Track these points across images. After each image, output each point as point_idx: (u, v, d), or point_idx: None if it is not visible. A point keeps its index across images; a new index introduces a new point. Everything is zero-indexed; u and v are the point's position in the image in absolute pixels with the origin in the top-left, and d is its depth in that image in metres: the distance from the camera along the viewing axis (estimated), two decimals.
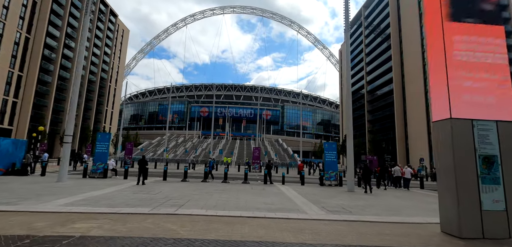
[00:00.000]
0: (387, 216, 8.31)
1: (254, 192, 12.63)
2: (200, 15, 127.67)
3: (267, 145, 68.11)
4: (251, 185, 15.99)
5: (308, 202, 10.23)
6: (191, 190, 12.21)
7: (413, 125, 53.46)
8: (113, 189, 11.64)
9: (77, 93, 14.60)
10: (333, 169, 17.75)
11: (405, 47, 57.65)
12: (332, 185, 17.56)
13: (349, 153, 15.19)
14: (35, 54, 53.61)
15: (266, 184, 16.93)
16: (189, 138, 76.56)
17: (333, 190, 15.12)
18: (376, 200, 11.91)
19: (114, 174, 17.63)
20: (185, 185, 14.23)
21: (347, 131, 15.50)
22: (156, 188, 12.34)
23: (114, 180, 15.41)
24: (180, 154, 52.69)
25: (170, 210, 7.50)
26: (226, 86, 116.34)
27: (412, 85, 54.53)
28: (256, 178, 23.25)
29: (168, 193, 10.88)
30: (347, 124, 15.45)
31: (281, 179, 17.88)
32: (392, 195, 14.13)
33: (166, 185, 14.01)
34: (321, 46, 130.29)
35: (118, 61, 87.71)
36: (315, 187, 16.58)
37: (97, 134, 17.30)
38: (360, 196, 12.88)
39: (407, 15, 57.49)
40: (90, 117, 72.12)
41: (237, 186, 14.85)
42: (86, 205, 7.91)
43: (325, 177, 17.65)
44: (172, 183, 15.17)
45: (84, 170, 16.62)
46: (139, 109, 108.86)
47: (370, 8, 73.48)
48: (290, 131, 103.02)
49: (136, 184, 13.56)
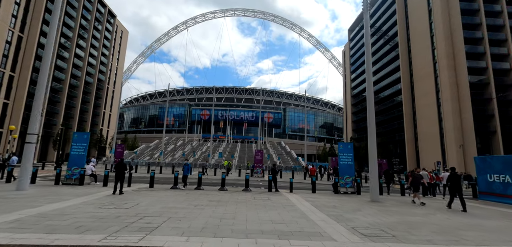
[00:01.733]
0: (448, 244, 5.76)
1: (257, 204, 10.08)
2: (201, 18, 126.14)
3: (269, 148, 65.52)
4: (253, 193, 13.44)
5: (329, 220, 7.67)
6: (178, 202, 9.68)
7: (424, 126, 50.71)
8: (78, 201, 9.14)
9: (44, 86, 12.19)
10: (349, 174, 15.16)
11: (414, 45, 55.13)
12: (348, 192, 14.96)
13: (371, 154, 12.61)
14: (28, 54, 51.58)
15: (271, 192, 14.36)
16: (188, 141, 74.09)
17: (353, 200, 12.53)
18: (413, 214, 9.32)
19: (93, 180, 15.15)
20: (173, 195, 11.70)
21: (369, 127, 12.93)
22: (135, 199, 9.83)
23: (89, 188, 12.91)
24: (178, 158, 50.21)
25: (132, 240, 4.99)
26: (227, 89, 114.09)
27: (422, 84, 51.90)
28: (259, 184, 20.68)
29: (146, 207, 8.36)
30: (369, 120, 12.88)
31: (289, 186, 15.32)
32: (428, 207, 11.51)
33: (149, 194, 11.49)
34: (323, 48, 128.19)
35: (117, 62, 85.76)
36: (329, 195, 13.99)
37: (73, 133, 14.81)
38: (390, 208, 10.30)
39: (415, 11, 55.07)
40: (87, 119, 69.89)
41: (236, 195, 12.31)
42: (16, 229, 5.42)
43: (340, 183, 15.05)
44: (159, 191, 12.63)
45: (56, 175, 14.14)
46: (139, 112, 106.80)
47: (375, 6, 71.18)
48: (292, 134, 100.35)
49: (112, 193, 11.06)
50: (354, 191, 15.04)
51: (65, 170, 14.52)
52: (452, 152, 43.09)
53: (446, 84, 45.72)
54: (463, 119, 44.00)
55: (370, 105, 13.07)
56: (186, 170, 14.74)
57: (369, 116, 12.93)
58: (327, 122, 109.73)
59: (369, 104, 13.11)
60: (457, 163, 41.25)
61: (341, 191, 14.98)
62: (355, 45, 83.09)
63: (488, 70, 44.77)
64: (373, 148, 12.64)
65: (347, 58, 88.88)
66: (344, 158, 15.31)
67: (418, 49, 53.24)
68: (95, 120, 73.86)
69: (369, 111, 12.94)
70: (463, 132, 43.68)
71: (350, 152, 15.41)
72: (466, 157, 40.90)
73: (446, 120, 45.13)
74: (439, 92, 47.65)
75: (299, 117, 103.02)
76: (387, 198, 14.04)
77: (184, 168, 14.93)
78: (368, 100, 13.24)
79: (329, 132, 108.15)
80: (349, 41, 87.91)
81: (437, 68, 48.09)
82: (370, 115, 12.92)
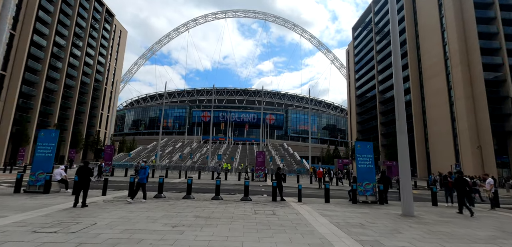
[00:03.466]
0: None
1: (258, 221, 7.60)
2: (202, 19, 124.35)
3: (271, 150, 62.93)
4: (254, 204, 10.94)
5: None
6: (152, 220, 7.22)
7: (434, 126, 47.96)
8: (18, 218, 6.73)
9: None
10: (369, 179, 12.62)
11: (423, 41, 52.51)
12: (369, 201, 12.42)
13: (402, 155, 10.08)
14: (20, 52, 49.56)
15: (276, 201, 11.86)
16: (187, 143, 71.68)
17: (379, 214, 9.99)
18: (477, 239, 6.80)
19: (64, 187, 12.73)
20: (151, 208, 9.24)
21: (398, 122, 10.34)
22: (94, 216, 7.38)
23: (52, 198, 10.49)
24: (175, 160, 47.77)
25: None
26: (228, 90, 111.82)
27: (432, 82, 49.21)
28: (261, 189, 18.18)
29: (99, 232, 5.90)
30: (399, 113, 10.30)
31: (296, 194, 12.82)
32: (484, 223, 8.97)
33: (119, 208, 9.03)
34: (325, 49, 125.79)
35: (115, 62, 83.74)
36: (347, 206, 11.46)
37: (39, 132, 12.39)
38: (437, 228, 7.77)
39: (424, 6, 52.51)
40: (83, 120, 67.77)
41: (232, 207, 9.84)
42: None
43: (359, 190, 12.51)
44: (136, 203, 10.16)
45: (16, 181, 11.73)
46: (140, 114, 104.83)
47: (380, 3, 68.73)
48: (294, 136, 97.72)
49: (73, 206, 8.62)
50: (375, 200, 12.50)
51: (29, 175, 12.12)
52: (467, 154, 40.31)
53: (459, 81, 43.04)
54: (478, 119, 41.27)
55: (399, 95, 10.50)
56: (142, 176, 10.45)
57: (399, 106, 10.37)
58: (329, 123, 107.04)
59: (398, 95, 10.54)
60: (473, 165, 38.50)
61: (360, 199, 12.44)
62: (359, 44, 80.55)
63: (504, 66, 42.04)
64: (403, 147, 10.09)
65: (351, 58, 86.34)
66: (362, 160, 12.79)
67: (428, 45, 50.60)
68: (92, 121, 71.73)
69: (399, 99, 10.37)
70: (478, 132, 40.94)
71: (370, 154, 12.90)
72: (485, 158, 38.07)
73: (459, 119, 42.38)
74: (451, 90, 44.96)
75: (301, 119, 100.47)
76: (415, 207, 11.48)
77: (140, 172, 10.63)
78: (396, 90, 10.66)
79: (332, 134, 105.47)
80: (353, 40, 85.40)
81: (449, 64, 45.41)
82: (399, 106, 10.36)
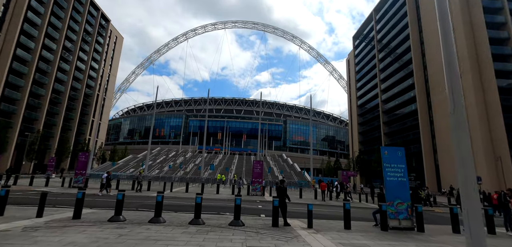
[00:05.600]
0: None
1: None
2: (201, 29, 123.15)
3: (269, 160, 59.60)
4: (247, 232, 7.72)
5: None
6: None
7: (443, 137, 45.04)
8: None
9: None
10: (402, 197, 9.45)
11: (428, 48, 50.33)
12: (402, 227, 9.23)
13: (462, 160, 6.94)
14: (4, 54, 46.68)
15: (278, 227, 8.64)
16: (182, 152, 68.18)
17: None
18: None
19: None
20: (92, 240, 6.01)
21: (454, 115, 7.30)
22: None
23: None
24: (166, 170, 44.27)
25: None
26: (226, 100, 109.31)
27: (440, 90, 46.65)
28: (258, 207, 14.90)
29: None
30: (455, 101, 7.28)
31: (305, 216, 9.63)
32: None
33: (46, 238, 5.81)
34: (324, 60, 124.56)
35: (109, 69, 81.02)
36: (378, 235, 8.26)
37: None
38: None
39: (429, 12, 50.57)
40: (72, 128, 64.30)
41: (213, 241, 6.65)
42: None
43: (389, 212, 9.32)
44: (76, 227, 6.92)
45: None
46: (135, 123, 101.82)
47: (383, 9, 67.19)
48: (293, 147, 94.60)
49: None
50: (411, 226, 9.31)
51: None
52: (482, 166, 37.20)
53: (470, 89, 40.49)
54: (492, 128, 38.51)
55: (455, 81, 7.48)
56: None
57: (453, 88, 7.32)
58: (328, 135, 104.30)
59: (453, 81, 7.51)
60: (490, 178, 35.41)
61: (391, 224, 9.25)
62: (360, 53, 78.69)
63: None
64: (465, 149, 6.99)
65: (352, 67, 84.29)
66: (392, 171, 9.67)
67: (434, 52, 48.34)
68: (81, 128, 68.26)
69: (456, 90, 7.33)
70: (493, 142, 38.09)
71: (402, 162, 9.81)
72: (506, 171, 34.97)
73: (472, 129, 39.52)
74: None
75: (300, 130, 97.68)
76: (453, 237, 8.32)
77: None
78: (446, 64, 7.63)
79: (331, 145, 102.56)
80: (353, 49, 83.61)
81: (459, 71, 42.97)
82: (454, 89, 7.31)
